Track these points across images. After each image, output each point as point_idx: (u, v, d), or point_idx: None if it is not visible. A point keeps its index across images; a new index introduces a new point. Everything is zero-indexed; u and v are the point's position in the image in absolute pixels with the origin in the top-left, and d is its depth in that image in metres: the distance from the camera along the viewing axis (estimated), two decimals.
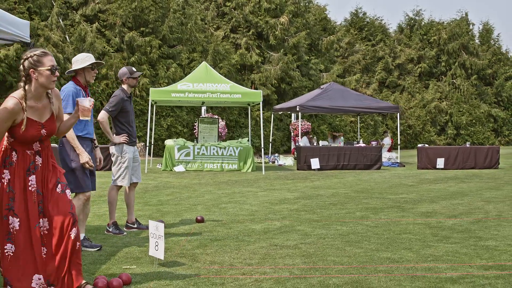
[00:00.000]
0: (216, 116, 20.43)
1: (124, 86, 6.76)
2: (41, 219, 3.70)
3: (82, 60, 5.58)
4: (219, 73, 23.92)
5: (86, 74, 5.62)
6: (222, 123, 22.17)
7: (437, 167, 17.38)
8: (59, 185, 3.80)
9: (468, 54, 42.46)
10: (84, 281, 3.80)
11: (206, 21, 30.25)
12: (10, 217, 3.62)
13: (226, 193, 10.61)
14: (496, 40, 46.14)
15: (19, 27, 5.80)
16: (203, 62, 18.21)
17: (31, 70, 3.69)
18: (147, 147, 16.96)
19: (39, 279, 3.64)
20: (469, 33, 43.57)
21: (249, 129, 19.39)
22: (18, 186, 3.66)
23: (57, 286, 3.69)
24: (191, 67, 26.20)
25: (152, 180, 13.04)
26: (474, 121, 41.06)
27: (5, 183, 3.61)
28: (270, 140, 23.00)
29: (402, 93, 39.65)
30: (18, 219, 3.63)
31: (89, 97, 4.32)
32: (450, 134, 40.07)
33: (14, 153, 3.70)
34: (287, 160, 20.12)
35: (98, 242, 5.77)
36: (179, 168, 16.01)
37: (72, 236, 3.70)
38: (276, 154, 22.07)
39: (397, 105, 24.93)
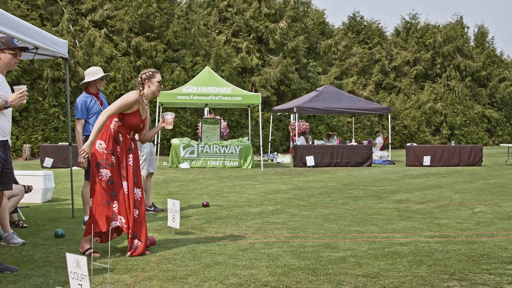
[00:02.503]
0: (218, 117, 21.79)
1: None
2: (135, 188, 5.11)
3: (93, 73, 6.87)
4: (221, 75, 25.32)
5: (97, 84, 6.92)
6: (224, 123, 23.50)
7: (423, 164, 18.71)
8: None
9: (463, 57, 43.76)
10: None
11: (208, 26, 31.61)
12: (116, 181, 5.10)
13: (228, 185, 11.96)
14: (490, 42, 47.42)
15: (60, 45, 7.15)
16: (206, 67, 19.54)
17: (146, 80, 5.27)
18: (155, 146, 18.31)
19: (128, 228, 5.08)
20: (464, 36, 44.85)
21: (249, 129, 20.74)
22: (124, 160, 5.12)
23: (140, 237, 5.11)
24: (194, 70, 27.57)
25: (160, 176, 14.38)
26: (468, 121, 42.37)
27: (114, 157, 5.09)
28: (270, 140, 24.34)
29: (398, 95, 40.96)
30: (120, 182, 5.09)
31: (171, 112, 5.65)
32: (445, 134, 41.37)
33: (120, 135, 5.15)
34: (285, 158, 21.47)
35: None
36: (184, 165, 17.35)
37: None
38: (275, 153, 23.43)
39: (388, 106, 26.26)
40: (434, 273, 4.51)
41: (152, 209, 8.07)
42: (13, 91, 4.59)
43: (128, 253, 5.05)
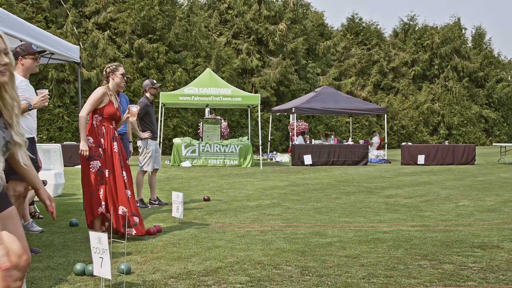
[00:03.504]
0: (219, 117, 22.37)
1: (147, 94, 8.72)
2: (123, 171, 5.70)
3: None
4: (222, 76, 25.90)
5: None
6: (224, 123, 24.08)
7: (418, 163, 19.29)
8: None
9: (460, 58, 44.36)
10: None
11: (209, 28, 32.23)
12: (104, 170, 5.72)
13: (228, 182, 12.54)
14: (487, 44, 48.02)
15: (72, 50, 7.74)
16: (207, 68, 20.13)
17: (110, 73, 5.97)
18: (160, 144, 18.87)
19: (123, 209, 5.66)
20: (461, 37, 45.45)
21: (249, 129, 21.33)
22: (108, 149, 5.74)
23: (138, 214, 5.77)
24: (195, 71, 28.18)
25: (163, 174, 14.96)
26: (465, 121, 42.95)
27: (101, 149, 5.74)
28: (269, 139, 24.92)
29: (396, 95, 41.56)
30: (107, 170, 5.71)
31: (136, 105, 6.29)
32: (442, 134, 41.96)
33: (103, 127, 5.80)
34: (284, 157, 22.06)
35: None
36: (186, 164, 17.93)
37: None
38: (274, 152, 24.02)
39: (384, 107, 26.84)
40: (409, 255, 5.10)
41: (156, 202, 8.65)
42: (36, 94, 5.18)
43: (133, 230, 5.67)
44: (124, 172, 5.80)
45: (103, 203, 5.67)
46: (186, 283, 4.06)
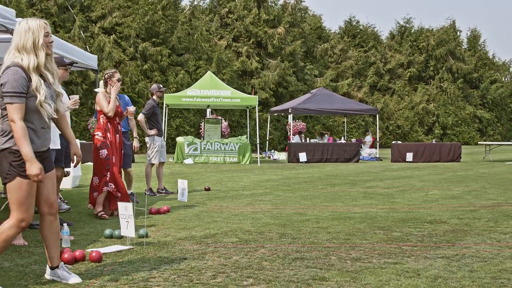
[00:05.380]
0: (220, 117, 23.62)
1: (154, 97, 9.97)
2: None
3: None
4: (223, 78, 27.14)
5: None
6: (225, 123, 25.33)
7: (406, 160, 20.51)
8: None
9: (455, 59, 45.60)
10: None
11: (210, 31, 33.50)
12: (111, 157, 7.03)
13: (227, 176, 13.79)
14: (482, 45, 49.23)
15: (91, 59, 9.00)
16: (208, 71, 21.37)
17: (108, 79, 7.26)
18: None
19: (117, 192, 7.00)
20: (456, 39, 46.69)
21: (248, 129, 22.57)
22: (113, 141, 7.03)
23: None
24: (197, 73, 29.45)
25: (167, 169, 16.19)
26: (459, 121, 44.18)
27: (108, 141, 7.05)
28: (267, 138, 26.17)
29: (392, 96, 42.80)
30: (113, 157, 7.04)
31: (134, 106, 7.63)
32: (437, 133, 43.19)
33: (109, 124, 7.11)
34: (281, 155, 23.31)
35: (142, 201, 8.95)
36: (189, 161, 19.17)
37: None
38: (272, 150, 25.26)
39: (375, 107, 28.08)
40: (369, 227, 6.34)
41: (164, 191, 9.89)
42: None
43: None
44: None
45: (110, 184, 6.98)
46: (190, 243, 5.31)
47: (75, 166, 4.21)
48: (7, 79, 3.61)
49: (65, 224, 5.23)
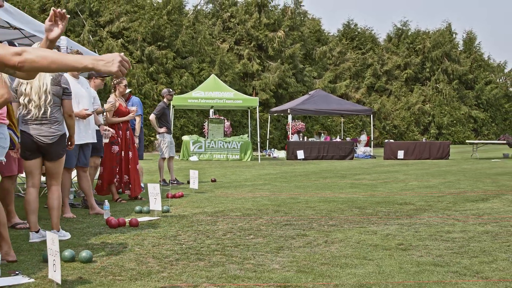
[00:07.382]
0: (222, 117, 25.03)
1: (165, 100, 11.38)
2: (130, 151, 8.40)
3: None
4: (225, 80, 28.51)
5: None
6: (227, 123, 26.75)
7: (398, 157, 21.89)
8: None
9: (450, 61, 46.97)
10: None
11: (213, 35, 34.94)
12: (120, 152, 8.35)
13: (230, 171, 15.19)
14: (477, 47, 50.57)
15: None
16: (212, 74, 22.80)
17: (116, 85, 8.58)
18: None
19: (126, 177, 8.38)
20: (452, 41, 48.05)
21: (249, 128, 23.96)
22: (123, 137, 8.35)
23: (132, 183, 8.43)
24: (201, 75, 30.87)
25: (174, 166, 17.58)
26: (455, 121, 45.55)
27: (119, 138, 8.35)
28: (268, 137, 27.57)
29: (389, 97, 44.18)
30: (123, 152, 8.35)
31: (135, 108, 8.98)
32: (433, 133, 44.56)
33: (121, 123, 8.40)
34: (281, 153, 24.71)
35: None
36: (194, 158, 20.57)
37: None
38: (272, 149, 26.66)
39: (370, 108, 29.47)
40: (348, 207, 7.72)
41: (175, 182, 11.29)
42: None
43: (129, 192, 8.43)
44: (130, 152, 8.42)
45: (117, 176, 8.29)
46: (203, 215, 6.72)
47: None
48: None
49: (106, 201, 6.64)
